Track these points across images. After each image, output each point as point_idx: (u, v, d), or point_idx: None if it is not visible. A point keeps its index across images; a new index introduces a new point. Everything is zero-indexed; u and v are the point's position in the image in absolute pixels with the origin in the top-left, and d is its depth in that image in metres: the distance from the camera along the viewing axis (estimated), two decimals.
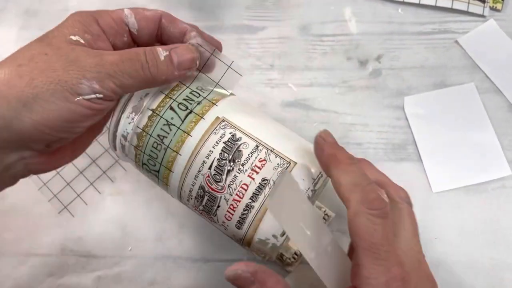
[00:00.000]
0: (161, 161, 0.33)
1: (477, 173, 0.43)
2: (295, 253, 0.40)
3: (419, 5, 0.48)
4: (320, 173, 0.33)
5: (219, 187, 0.32)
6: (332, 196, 0.42)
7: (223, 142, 0.32)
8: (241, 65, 0.48)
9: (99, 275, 0.43)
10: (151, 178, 0.35)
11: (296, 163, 0.32)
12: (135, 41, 0.35)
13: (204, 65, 0.34)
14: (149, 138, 0.33)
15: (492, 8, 0.48)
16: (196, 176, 0.32)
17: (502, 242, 0.42)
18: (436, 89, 0.46)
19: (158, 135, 0.33)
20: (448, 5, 0.48)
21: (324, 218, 0.40)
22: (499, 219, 0.42)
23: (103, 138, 0.46)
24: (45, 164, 0.34)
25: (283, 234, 0.32)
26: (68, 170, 0.45)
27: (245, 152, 0.32)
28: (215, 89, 0.35)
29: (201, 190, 0.32)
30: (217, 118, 0.33)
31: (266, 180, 0.31)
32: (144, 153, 0.33)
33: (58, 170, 0.45)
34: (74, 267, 0.43)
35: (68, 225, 0.44)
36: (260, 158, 0.32)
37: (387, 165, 0.44)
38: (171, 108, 0.33)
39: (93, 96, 0.29)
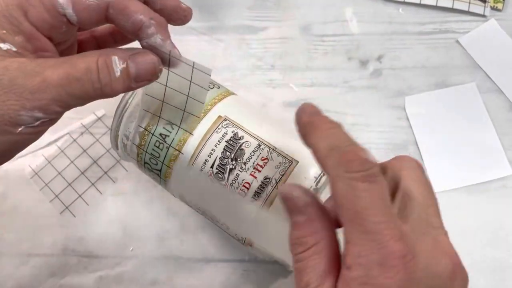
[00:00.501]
0: (163, 160, 0.33)
1: (478, 173, 0.43)
2: None
3: (419, 5, 0.49)
4: (322, 171, 0.32)
5: (222, 185, 0.32)
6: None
7: (225, 141, 0.32)
8: (242, 65, 0.48)
9: (101, 275, 0.43)
10: (153, 177, 0.36)
11: (298, 161, 0.32)
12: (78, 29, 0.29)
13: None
14: (151, 137, 0.33)
15: (493, 8, 0.48)
16: (199, 175, 0.32)
17: (503, 242, 0.42)
18: (437, 89, 0.46)
19: (160, 134, 0.33)
20: (449, 5, 0.48)
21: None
22: (500, 219, 0.42)
23: (104, 139, 0.46)
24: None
25: None
26: (70, 170, 0.45)
27: (247, 151, 0.32)
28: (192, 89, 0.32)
29: None
30: (219, 117, 0.33)
31: (268, 178, 0.31)
32: (146, 152, 0.34)
33: (59, 170, 0.45)
34: (76, 267, 0.43)
35: (69, 225, 0.44)
36: (262, 157, 0.32)
37: None
38: (170, 108, 0.33)
39: (36, 123, 0.26)
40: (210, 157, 0.32)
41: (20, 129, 0.25)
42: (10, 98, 0.25)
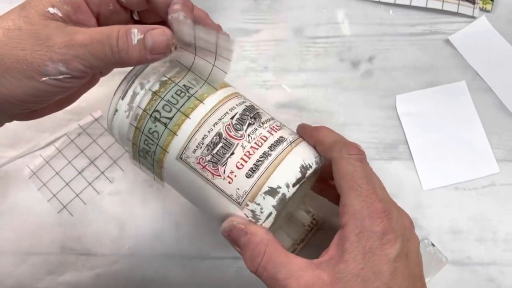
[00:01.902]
0: (180, 107, 0.33)
1: (467, 171, 0.44)
2: None
3: (410, 7, 0.49)
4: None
5: (239, 135, 0.33)
6: (322, 201, 0.44)
7: (245, 105, 0.35)
8: (236, 67, 0.49)
9: (98, 273, 0.44)
10: (153, 130, 0.34)
11: (303, 140, 0.36)
12: (124, 8, 0.34)
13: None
14: (173, 86, 0.34)
15: (482, 9, 0.49)
16: (216, 124, 0.33)
17: (491, 239, 0.42)
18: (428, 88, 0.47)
19: (184, 85, 0.34)
20: (439, 7, 0.49)
21: (312, 223, 0.41)
22: (488, 216, 0.43)
23: (101, 139, 0.47)
24: (29, 117, 0.35)
25: (295, 184, 0.32)
26: (67, 170, 0.46)
27: (264, 117, 0.35)
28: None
29: (217, 137, 0.33)
30: (238, 92, 0.37)
31: (284, 137, 0.34)
32: (162, 98, 0.34)
33: (57, 170, 0.46)
34: (74, 265, 0.44)
35: (67, 224, 0.45)
36: (277, 125, 0.35)
37: (379, 164, 0.45)
38: (199, 71, 0.35)
39: (60, 76, 0.30)
40: (231, 111, 0.34)
41: (44, 78, 0.29)
42: (42, 49, 0.29)
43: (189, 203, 0.43)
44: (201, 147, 0.33)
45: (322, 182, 0.39)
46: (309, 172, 0.33)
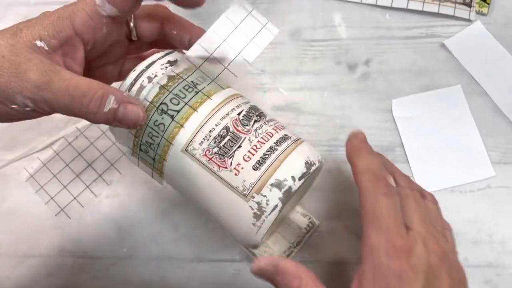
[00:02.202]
0: (188, 101, 0.34)
1: (462, 174, 0.44)
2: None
3: (406, 10, 0.50)
4: (320, 157, 0.36)
5: (246, 130, 0.34)
6: (318, 204, 0.44)
7: (250, 104, 0.36)
8: (233, 70, 0.49)
9: (96, 276, 0.44)
10: (159, 122, 0.35)
11: (304, 141, 0.36)
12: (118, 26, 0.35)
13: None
14: (182, 81, 0.35)
15: (478, 12, 0.49)
16: (223, 118, 0.34)
17: (487, 241, 0.43)
18: (423, 92, 0.47)
19: (192, 81, 0.35)
20: (435, 10, 0.49)
21: (308, 226, 0.41)
22: (484, 219, 0.43)
23: (99, 142, 0.47)
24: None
25: (300, 178, 0.33)
26: (65, 173, 0.47)
27: (268, 116, 0.36)
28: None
29: (225, 131, 0.33)
30: (240, 93, 0.37)
31: (288, 136, 0.35)
32: (170, 92, 0.34)
33: (54, 173, 0.46)
34: (72, 268, 0.45)
35: (65, 227, 0.45)
36: (281, 124, 0.36)
37: None
38: (207, 69, 0.36)
39: (27, 109, 0.31)
40: (238, 108, 0.35)
41: (13, 106, 0.30)
42: (16, 82, 0.30)
43: (187, 205, 0.44)
44: (208, 140, 0.33)
45: None
46: (313, 168, 0.34)
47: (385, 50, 0.49)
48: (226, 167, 0.33)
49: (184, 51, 0.36)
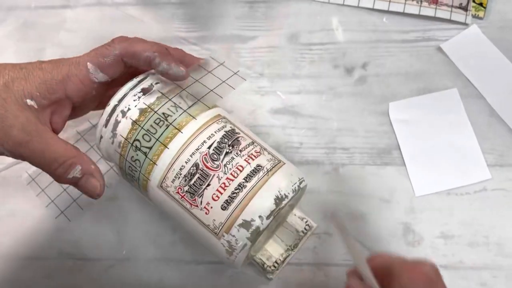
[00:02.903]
0: (159, 137, 0.35)
1: (459, 177, 0.44)
2: (276, 262, 0.41)
3: (403, 14, 0.50)
4: (302, 177, 0.36)
5: (215, 165, 0.34)
6: (315, 207, 0.44)
7: (224, 131, 0.35)
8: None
9: (95, 278, 0.45)
10: (135, 158, 0.36)
11: (285, 163, 0.36)
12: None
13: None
14: (153, 114, 0.35)
15: (474, 16, 0.49)
16: (193, 154, 0.34)
17: (483, 243, 0.43)
18: (420, 95, 0.47)
19: (163, 113, 0.35)
20: (431, 14, 0.49)
21: (305, 229, 0.41)
22: (480, 221, 0.43)
23: None
24: None
25: (268, 216, 0.33)
26: None
27: (243, 143, 0.35)
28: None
29: (194, 168, 0.34)
30: (219, 115, 0.37)
31: (261, 166, 0.34)
32: (142, 128, 0.35)
33: None
34: (71, 270, 0.45)
35: (64, 229, 0.46)
36: (256, 150, 0.35)
37: (372, 170, 0.45)
38: (180, 96, 0.36)
39: (4, 156, 0.34)
40: (209, 140, 0.35)
41: None
42: (0, 134, 0.32)
43: None
44: (179, 178, 0.34)
45: None
46: (284, 202, 0.34)
47: (382, 53, 0.49)
48: (197, 206, 0.34)
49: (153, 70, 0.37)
